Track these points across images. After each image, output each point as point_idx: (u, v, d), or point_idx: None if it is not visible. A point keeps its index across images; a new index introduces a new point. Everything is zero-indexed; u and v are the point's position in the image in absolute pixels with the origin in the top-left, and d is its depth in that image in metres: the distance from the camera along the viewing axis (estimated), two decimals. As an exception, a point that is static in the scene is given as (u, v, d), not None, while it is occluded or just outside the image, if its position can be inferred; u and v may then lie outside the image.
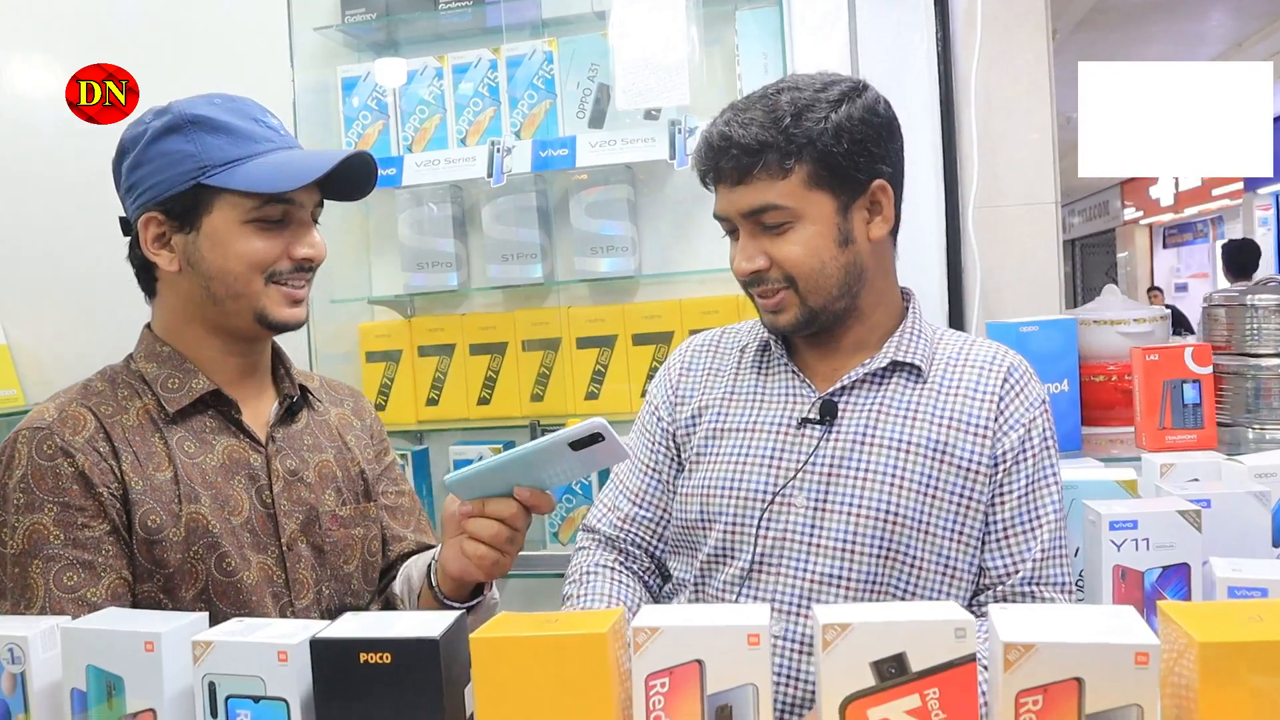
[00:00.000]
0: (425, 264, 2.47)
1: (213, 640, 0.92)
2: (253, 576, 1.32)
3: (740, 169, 1.31)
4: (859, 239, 1.36)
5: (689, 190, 2.41)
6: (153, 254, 1.34)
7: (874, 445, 1.35)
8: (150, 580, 1.27)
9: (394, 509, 1.56)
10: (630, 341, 2.37)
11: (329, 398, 1.55)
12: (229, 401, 1.37)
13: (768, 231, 1.33)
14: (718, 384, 1.49)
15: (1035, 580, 1.34)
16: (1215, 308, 2.38)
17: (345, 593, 1.44)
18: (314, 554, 1.40)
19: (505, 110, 2.37)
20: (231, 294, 1.33)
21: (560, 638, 0.86)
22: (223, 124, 1.31)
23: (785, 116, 1.30)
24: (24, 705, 0.98)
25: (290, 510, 1.38)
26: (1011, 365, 1.40)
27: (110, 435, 1.29)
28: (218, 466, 1.34)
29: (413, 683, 0.87)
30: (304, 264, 1.36)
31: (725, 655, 0.85)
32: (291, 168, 1.32)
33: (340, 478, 1.45)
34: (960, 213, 2.30)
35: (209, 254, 1.32)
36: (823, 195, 1.32)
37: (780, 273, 1.34)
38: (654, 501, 1.51)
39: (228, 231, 1.31)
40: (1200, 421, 1.92)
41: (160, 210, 1.32)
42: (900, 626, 0.84)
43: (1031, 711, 0.80)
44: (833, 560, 1.33)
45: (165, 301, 1.39)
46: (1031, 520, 1.35)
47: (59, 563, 1.24)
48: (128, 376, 1.37)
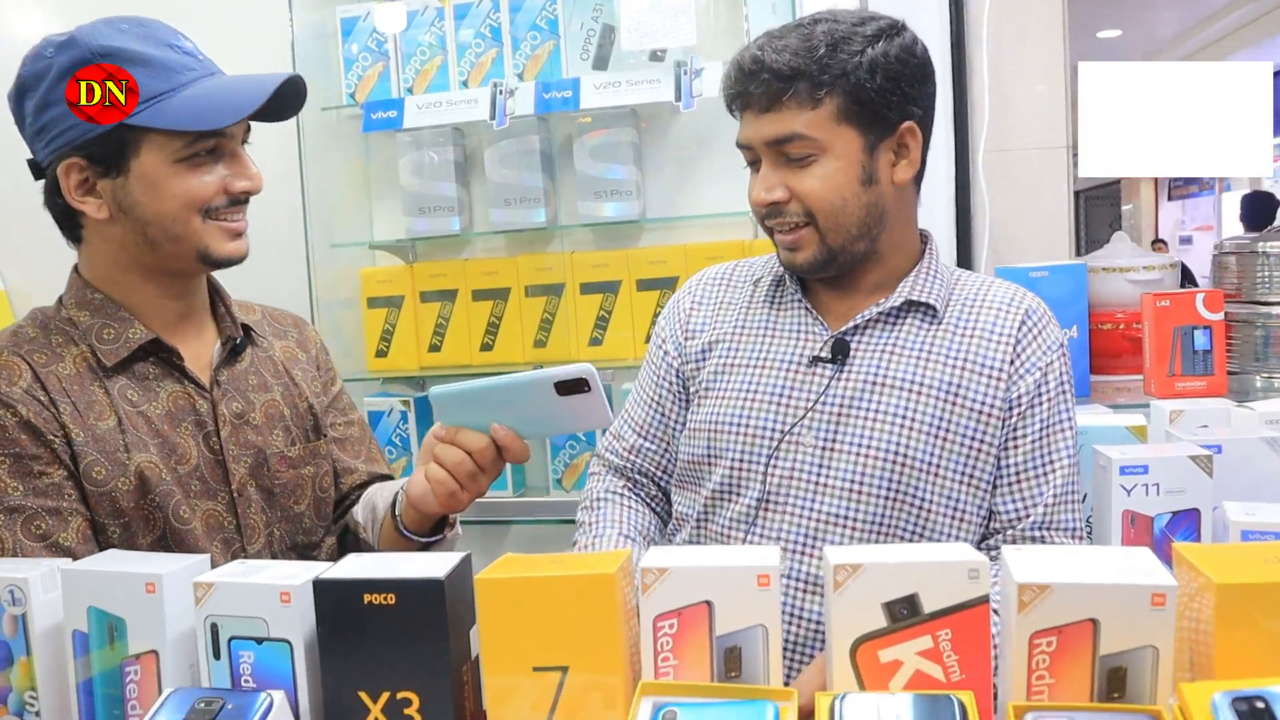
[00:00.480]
0: (427, 208, 2.43)
1: (214, 582, 0.91)
2: (204, 524, 1.31)
3: (770, 95, 1.28)
4: (883, 180, 1.33)
5: (694, 133, 2.38)
6: (77, 202, 1.27)
7: (886, 386, 1.33)
8: (106, 532, 1.25)
9: (343, 440, 1.53)
10: (634, 287, 2.34)
11: (272, 329, 1.50)
12: (169, 349, 1.32)
13: (791, 163, 1.30)
14: (728, 318, 1.47)
15: (1046, 525, 1.33)
16: (1225, 255, 2.36)
17: (297, 532, 1.42)
18: (263, 497, 1.37)
19: (508, 52, 2.32)
20: (170, 237, 1.27)
21: (568, 578, 0.85)
22: (137, 55, 1.22)
23: (820, 46, 1.27)
24: (26, 647, 0.97)
25: (238, 455, 1.35)
26: (1030, 308, 1.38)
27: (46, 385, 1.25)
28: (163, 414, 1.30)
29: (418, 624, 0.86)
30: (240, 196, 1.31)
31: (735, 596, 0.84)
32: (222, 100, 1.25)
33: (288, 416, 1.42)
34: (970, 156, 2.26)
35: (142, 198, 1.25)
36: (851, 131, 1.29)
37: (800, 206, 1.31)
38: (657, 435, 1.51)
39: (160, 173, 1.24)
40: (1210, 368, 1.90)
41: (81, 155, 1.24)
42: (913, 567, 0.83)
43: (1045, 653, 0.79)
44: (840, 500, 1.32)
45: (95, 248, 1.32)
46: (1045, 465, 1.33)
47: (23, 513, 1.21)
48: (60, 322, 1.31)
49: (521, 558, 0.90)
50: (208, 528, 1.31)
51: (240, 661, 0.91)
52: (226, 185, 1.29)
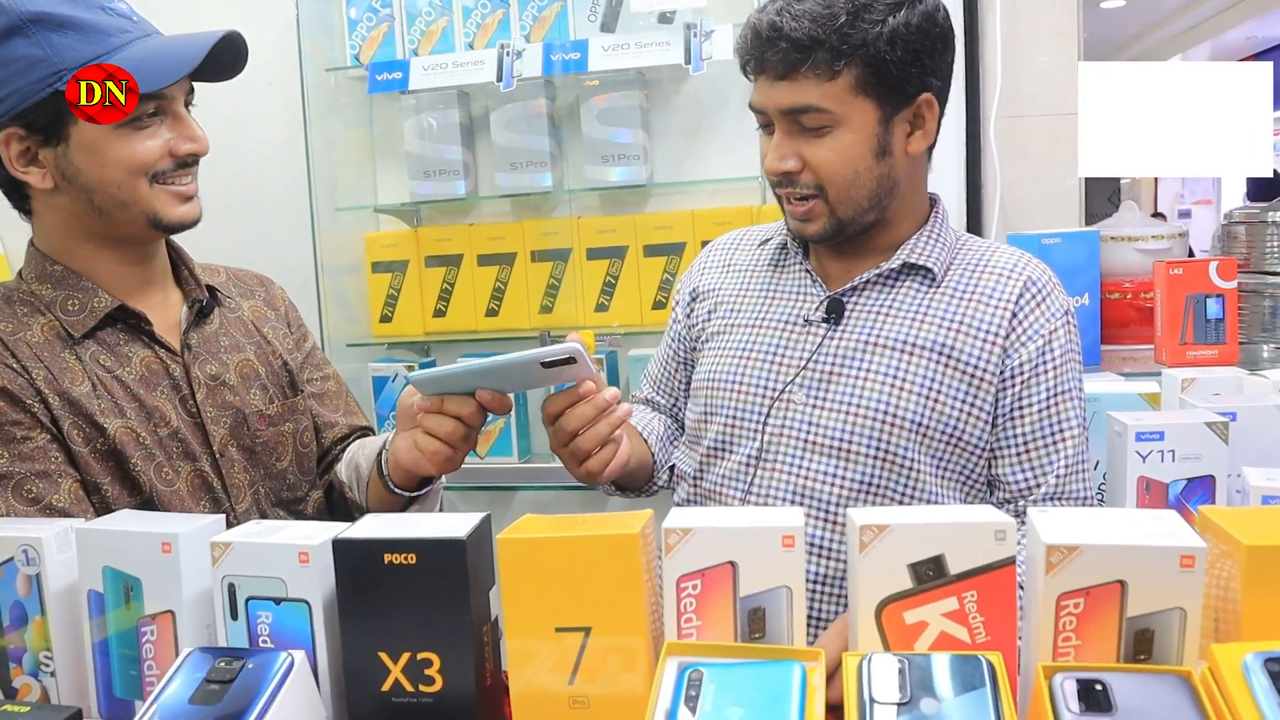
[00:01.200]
0: (432, 172, 2.41)
1: (231, 541, 0.90)
2: (189, 485, 1.30)
3: (787, 64, 1.26)
4: (897, 152, 1.31)
5: (702, 98, 2.36)
6: (20, 173, 1.24)
7: (878, 346, 1.33)
8: (96, 493, 1.24)
9: (321, 395, 1.52)
10: (641, 252, 2.33)
11: (239, 290, 1.49)
12: (136, 314, 1.31)
13: (805, 132, 1.29)
14: (733, 279, 1.49)
15: (1058, 495, 1.32)
16: (1235, 225, 2.35)
17: (282, 489, 1.42)
18: (245, 456, 1.37)
19: (514, 13, 2.29)
20: (117, 203, 1.25)
21: (590, 538, 0.84)
22: (68, 19, 1.19)
23: (841, 14, 1.24)
24: (40, 607, 0.96)
25: (217, 416, 1.34)
26: (1032, 276, 1.36)
27: (16, 354, 1.23)
28: (137, 379, 1.29)
29: (439, 584, 0.86)
30: (187, 159, 1.28)
31: (759, 557, 0.83)
32: (160, 61, 1.21)
33: (264, 374, 1.42)
34: (981, 124, 2.25)
35: (84, 165, 1.23)
36: (867, 103, 1.27)
37: (811, 178, 1.30)
38: (668, 391, 1.58)
39: (101, 138, 1.21)
40: (1222, 336, 1.89)
41: (19, 125, 1.21)
42: (939, 528, 0.82)
43: (1073, 614, 0.78)
44: (828, 459, 1.33)
45: (46, 219, 1.30)
46: (1054, 433, 1.32)
47: (12, 479, 1.19)
48: (23, 295, 1.29)
49: (542, 518, 0.90)
50: (192, 489, 1.31)
51: (258, 622, 0.90)
52: (171, 148, 1.26)
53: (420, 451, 1.22)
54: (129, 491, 1.25)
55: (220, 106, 1.34)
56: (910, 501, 1.32)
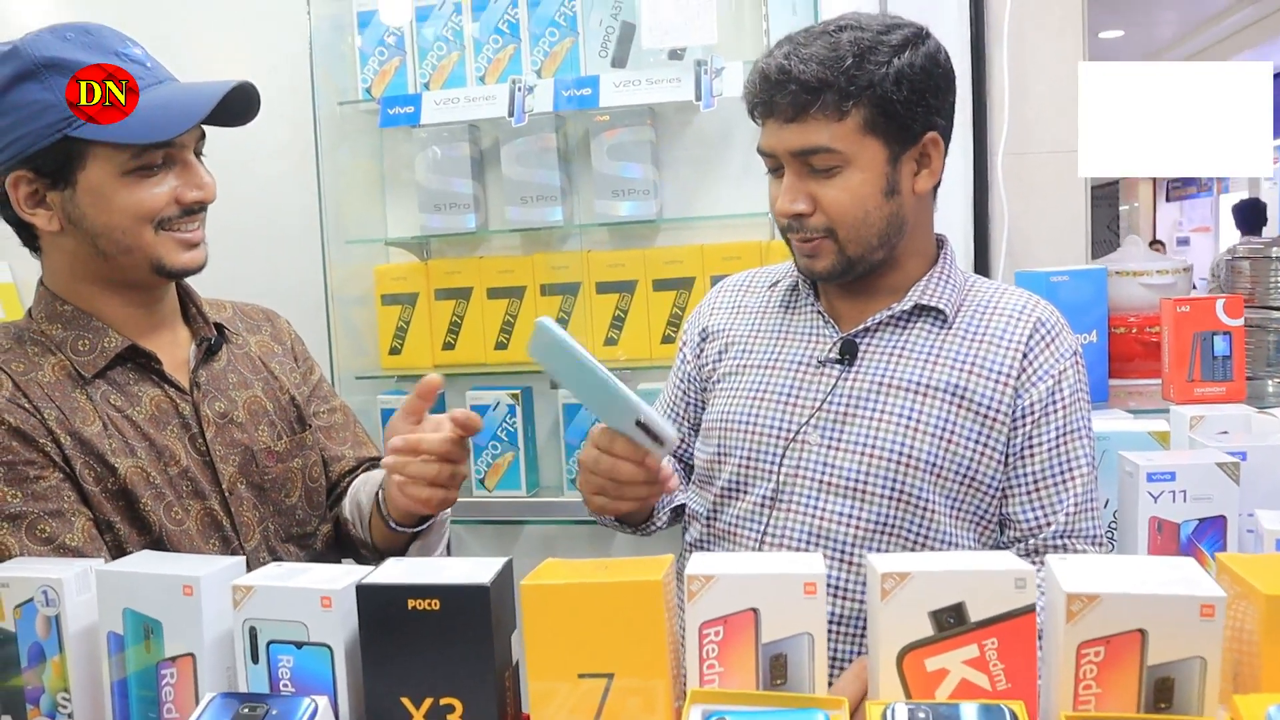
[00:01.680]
0: (442, 205, 2.42)
1: (253, 585, 0.91)
2: (198, 524, 1.31)
3: (796, 106, 1.28)
4: (904, 190, 1.33)
5: (712, 133, 2.37)
6: (28, 214, 1.26)
7: (892, 387, 1.34)
8: (109, 531, 1.25)
9: (328, 428, 1.53)
10: (650, 287, 2.34)
11: (245, 325, 1.50)
12: (146, 354, 1.31)
13: (815, 174, 1.31)
14: (744, 320, 1.49)
15: (1068, 534, 1.33)
16: (1239, 260, 2.37)
17: (291, 524, 1.42)
18: (254, 493, 1.37)
19: (526, 48, 2.31)
20: (121, 249, 1.26)
21: (614, 584, 0.85)
22: (82, 64, 1.20)
23: (847, 56, 1.26)
24: (59, 647, 0.97)
25: (226, 454, 1.35)
26: (1041, 317, 1.38)
27: (28, 394, 1.23)
28: (148, 418, 1.30)
29: (462, 629, 0.86)
30: (194, 206, 1.29)
31: (781, 604, 0.84)
32: (169, 110, 1.22)
33: (271, 410, 1.42)
34: (988, 160, 2.26)
35: (90, 210, 1.24)
36: (876, 142, 1.29)
37: (821, 220, 1.32)
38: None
39: (107, 185, 1.23)
40: (1230, 374, 1.90)
41: (28, 168, 1.23)
42: (960, 576, 0.83)
43: (1093, 663, 0.79)
44: (844, 500, 1.33)
45: (54, 260, 1.31)
46: (1063, 472, 1.34)
47: (26, 519, 1.20)
48: (34, 334, 1.30)
49: (563, 563, 0.90)
50: (202, 527, 1.31)
51: (279, 665, 0.90)
52: (177, 196, 1.27)
53: (411, 499, 1.24)
54: (139, 531, 1.26)
55: (232, 138, 1.35)
56: (925, 542, 1.33)
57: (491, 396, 2.38)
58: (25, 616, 0.97)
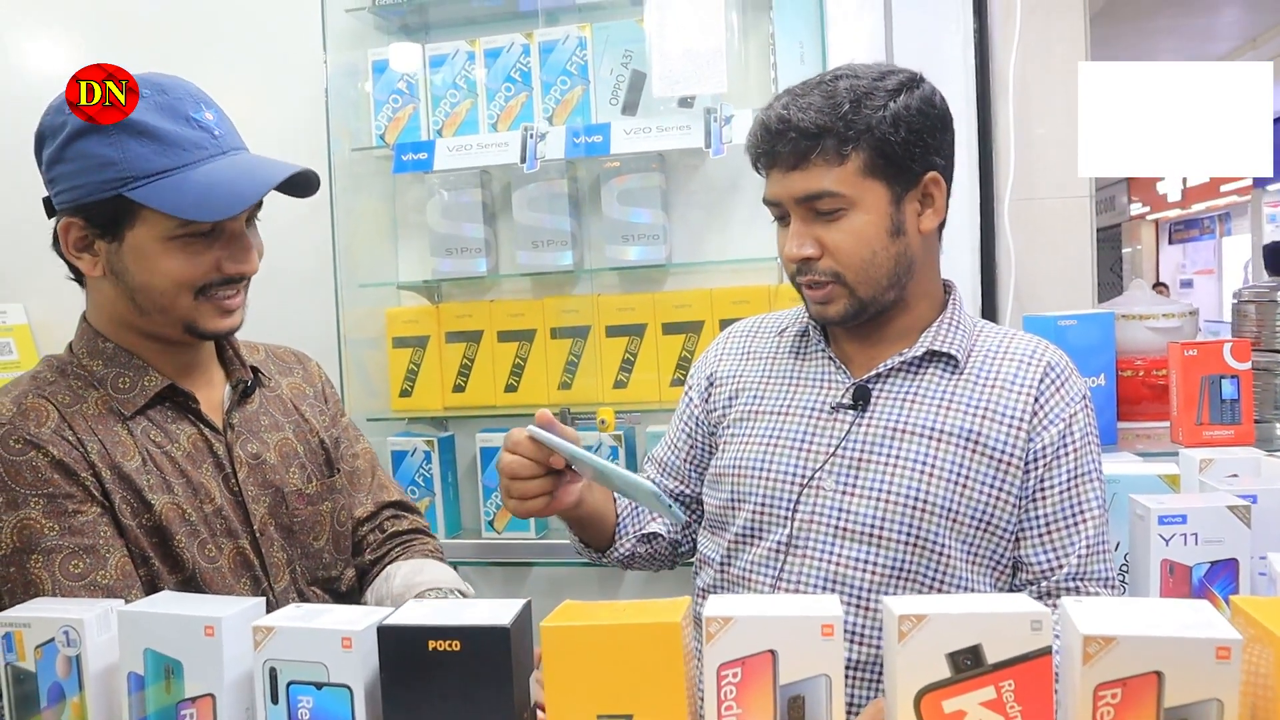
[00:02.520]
0: (454, 249, 2.45)
1: (274, 626, 0.91)
2: (230, 562, 1.32)
3: (797, 153, 1.31)
4: (910, 230, 1.35)
5: (721, 179, 2.40)
6: (74, 257, 1.29)
7: (906, 433, 1.35)
8: (143, 566, 1.26)
9: (350, 473, 1.54)
10: (660, 330, 2.36)
11: (278, 367, 1.52)
12: (184, 393, 1.34)
13: (821, 218, 1.33)
14: (754, 367, 1.50)
15: (1081, 576, 1.34)
16: (1245, 304, 2.38)
17: (318, 567, 1.43)
18: (283, 535, 1.39)
19: (538, 96, 2.35)
20: (158, 308, 1.28)
21: (633, 626, 0.85)
22: (150, 128, 1.22)
23: (844, 103, 1.30)
24: (79, 687, 0.97)
25: (258, 495, 1.36)
26: (1051, 361, 1.39)
27: (73, 425, 1.25)
28: (185, 455, 1.31)
29: (482, 670, 0.87)
30: (234, 278, 1.30)
31: (798, 646, 0.84)
32: (221, 190, 1.24)
33: (302, 453, 1.44)
34: (995, 206, 2.29)
35: (132, 266, 1.26)
36: (877, 184, 1.32)
37: (829, 264, 1.33)
38: (675, 473, 1.58)
39: (152, 248, 1.25)
40: (1238, 417, 1.91)
41: (81, 216, 1.26)
42: (976, 618, 0.83)
43: (1110, 705, 0.79)
44: (860, 545, 1.33)
45: (97, 300, 1.34)
46: (1075, 515, 1.34)
47: (60, 553, 1.21)
48: (76, 369, 1.32)
49: (582, 605, 0.91)
50: (234, 566, 1.32)
51: (299, 706, 0.91)
52: (220, 265, 1.29)
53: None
54: (170, 568, 1.27)
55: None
56: (940, 587, 1.33)
57: (501, 439, 2.37)
58: (46, 656, 0.98)
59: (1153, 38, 6.89)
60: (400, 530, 1.57)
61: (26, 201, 2.70)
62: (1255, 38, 7.15)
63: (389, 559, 1.53)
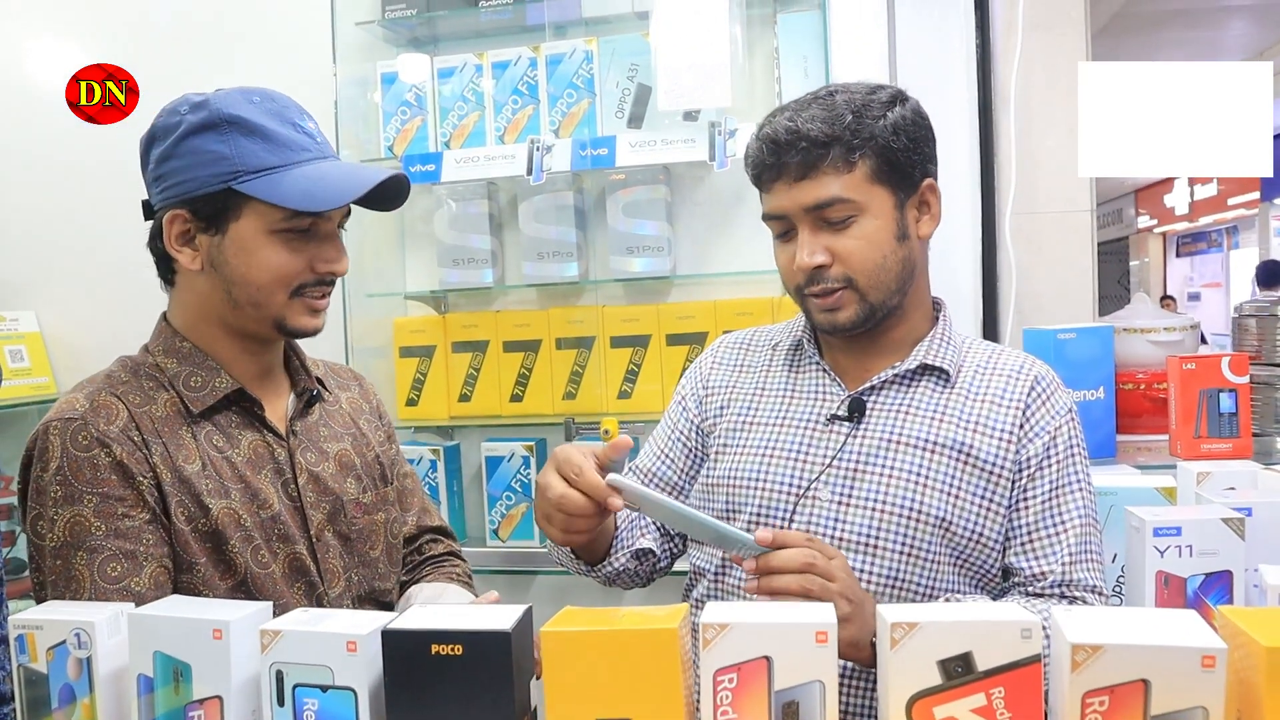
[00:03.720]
0: (460, 260, 2.48)
1: (281, 629, 0.93)
2: (285, 568, 1.34)
3: (807, 163, 1.33)
4: (912, 235, 1.39)
5: (725, 191, 2.42)
6: (175, 250, 1.33)
7: (900, 444, 1.37)
8: (190, 571, 1.28)
9: (400, 491, 1.58)
10: (664, 341, 2.37)
11: (336, 382, 1.56)
12: (251, 399, 1.37)
13: (830, 227, 1.35)
14: (748, 379, 1.52)
15: (1065, 583, 1.35)
16: (1245, 318, 2.39)
17: (373, 577, 1.46)
18: (341, 543, 1.42)
19: (544, 108, 2.37)
20: (252, 302, 1.33)
21: (631, 632, 0.87)
22: (260, 128, 1.29)
23: (846, 114, 1.33)
24: (89, 689, 0.99)
25: (316, 502, 1.39)
26: (1039, 375, 1.42)
27: (140, 426, 1.29)
28: (245, 461, 1.35)
29: (483, 674, 0.89)
30: (327, 277, 1.36)
31: (793, 652, 0.86)
32: (326, 184, 1.30)
33: (359, 465, 1.47)
34: (996, 219, 2.30)
35: (233, 259, 1.31)
36: (883, 190, 1.35)
37: (841, 270, 1.35)
38: (661, 480, 1.56)
39: (254, 240, 1.30)
40: (1236, 431, 1.92)
41: (187, 209, 1.31)
42: (967, 626, 0.85)
43: (1098, 712, 0.81)
44: (855, 555, 1.35)
45: (183, 296, 1.38)
46: (1056, 524, 1.36)
47: (102, 554, 1.24)
48: (149, 369, 1.36)
49: (582, 611, 0.93)
50: (288, 572, 1.35)
51: (304, 709, 0.93)
52: (313, 264, 1.34)
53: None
54: (222, 574, 1.30)
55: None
56: (932, 595, 1.35)
57: (506, 448, 2.41)
58: (57, 658, 1.00)
59: (1159, 51, 6.89)
60: (436, 554, 1.62)
61: (39, 211, 2.77)
62: (1263, 51, 7.15)
63: (419, 579, 1.57)
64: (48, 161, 2.69)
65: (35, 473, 1.27)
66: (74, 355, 2.78)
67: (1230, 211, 11.27)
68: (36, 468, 1.27)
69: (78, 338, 2.80)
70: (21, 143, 2.73)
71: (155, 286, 1.43)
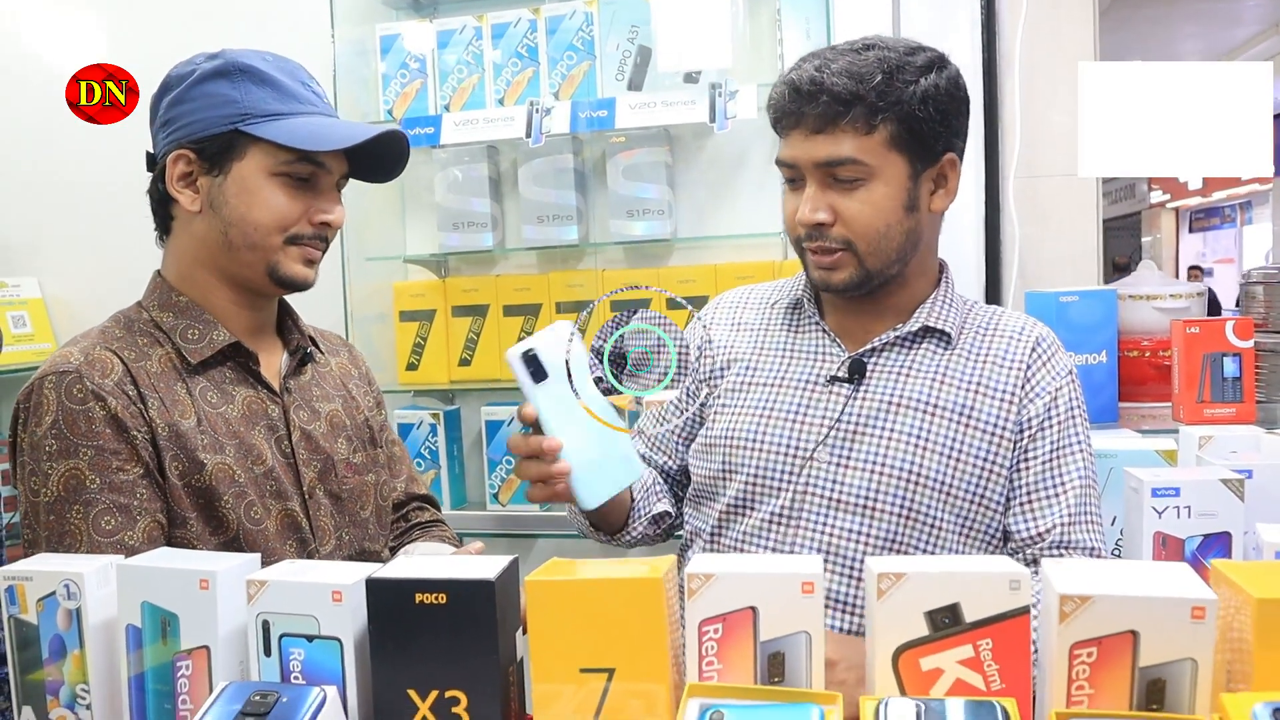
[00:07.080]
0: (460, 224, 2.47)
1: (267, 579, 0.93)
2: (278, 524, 1.35)
3: (825, 118, 1.30)
4: (922, 208, 1.36)
5: (726, 154, 2.41)
6: (176, 190, 1.34)
7: (900, 406, 1.36)
8: (183, 526, 1.29)
9: (389, 457, 1.59)
10: (664, 305, 2.36)
11: (326, 347, 1.57)
12: (247, 353, 1.38)
13: (838, 185, 1.33)
14: (745, 338, 1.50)
15: (1063, 544, 1.35)
16: (1253, 285, 2.37)
17: (364, 538, 1.47)
18: (332, 501, 1.42)
19: (544, 71, 2.36)
20: (248, 244, 1.33)
21: (616, 580, 0.87)
22: (270, 78, 1.33)
23: (877, 73, 1.29)
24: (79, 640, 0.99)
25: (309, 459, 1.40)
26: (1040, 336, 1.41)
27: (136, 380, 1.29)
28: (239, 417, 1.35)
29: (468, 624, 0.88)
30: (322, 229, 1.37)
31: (779, 602, 0.86)
32: (330, 130, 1.34)
33: (349, 426, 1.48)
34: (1000, 184, 2.28)
35: (233, 199, 1.32)
36: (900, 158, 1.32)
37: (842, 231, 1.33)
38: (664, 449, 1.57)
39: (255, 180, 1.32)
40: (1239, 395, 1.91)
41: (192, 149, 1.32)
42: (955, 577, 0.84)
43: (1086, 663, 0.80)
44: (853, 517, 1.35)
45: (178, 243, 1.39)
46: (1055, 485, 1.36)
47: (96, 507, 1.24)
48: (143, 324, 1.37)
49: (568, 561, 0.92)
50: (280, 528, 1.35)
51: (290, 658, 0.93)
52: (310, 214, 1.35)
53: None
54: (214, 529, 1.31)
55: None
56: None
57: (506, 412, 2.41)
58: (47, 610, 1.00)
59: (1173, 23, 6.82)
60: (423, 521, 1.64)
61: (42, 178, 2.76)
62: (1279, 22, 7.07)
63: (409, 540, 1.58)
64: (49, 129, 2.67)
65: (31, 427, 1.27)
66: (76, 321, 2.78)
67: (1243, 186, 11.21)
68: (31, 422, 1.27)
69: (80, 304, 2.80)
70: (23, 110, 2.72)
71: (158, 255, 1.43)
